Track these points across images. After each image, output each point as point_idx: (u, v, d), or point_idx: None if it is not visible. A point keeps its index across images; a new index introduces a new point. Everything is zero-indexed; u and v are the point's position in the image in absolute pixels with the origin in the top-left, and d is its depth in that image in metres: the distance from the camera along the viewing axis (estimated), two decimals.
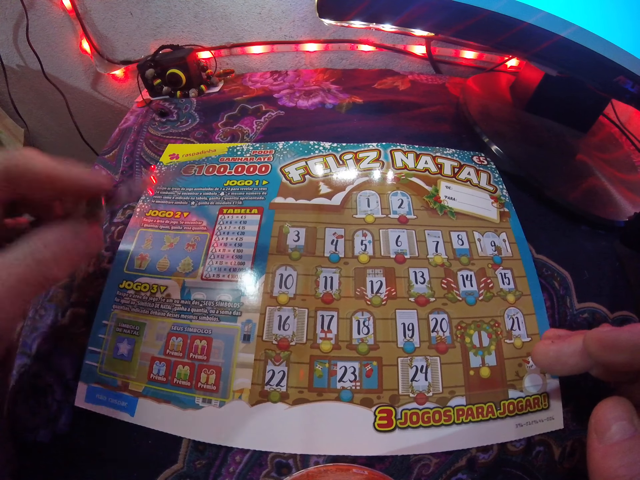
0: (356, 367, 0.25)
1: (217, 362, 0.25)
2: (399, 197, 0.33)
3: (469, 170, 0.36)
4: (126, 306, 0.28)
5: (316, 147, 0.38)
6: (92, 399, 0.25)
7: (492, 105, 0.43)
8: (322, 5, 0.35)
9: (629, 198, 0.37)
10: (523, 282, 0.29)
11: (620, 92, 0.31)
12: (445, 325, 0.27)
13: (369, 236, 0.31)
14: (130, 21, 0.54)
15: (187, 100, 0.47)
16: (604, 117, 0.48)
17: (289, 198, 0.33)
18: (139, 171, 0.38)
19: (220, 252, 0.30)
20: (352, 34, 0.54)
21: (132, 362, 0.26)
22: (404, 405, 0.24)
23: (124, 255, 0.30)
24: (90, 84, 0.63)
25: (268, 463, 0.23)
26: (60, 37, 0.57)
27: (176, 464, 0.23)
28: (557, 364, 0.21)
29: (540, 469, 0.23)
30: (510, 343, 0.27)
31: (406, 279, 0.29)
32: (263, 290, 0.28)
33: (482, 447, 0.24)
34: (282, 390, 0.24)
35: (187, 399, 0.24)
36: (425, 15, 0.32)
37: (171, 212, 0.33)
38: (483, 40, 0.34)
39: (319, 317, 0.27)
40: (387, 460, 0.23)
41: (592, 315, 0.29)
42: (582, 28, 0.28)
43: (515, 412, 0.24)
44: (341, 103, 0.45)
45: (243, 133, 0.41)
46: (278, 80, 0.51)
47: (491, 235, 0.31)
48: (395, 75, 0.51)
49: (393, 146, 0.38)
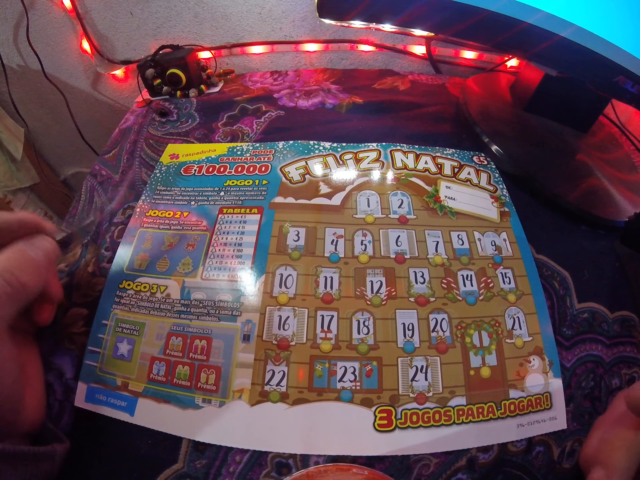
0: (356, 367, 0.25)
1: (217, 362, 0.25)
2: (399, 197, 0.33)
3: (469, 170, 0.36)
4: (126, 306, 0.28)
5: (316, 147, 0.38)
6: (92, 399, 0.25)
7: (492, 105, 0.43)
8: (322, 5, 0.35)
9: (629, 198, 0.37)
10: (524, 282, 0.29)
11: (620, 92, 0.31)
12: (446, 325, 0.27)
13: (369, 236, 0.31)
14: (131, 21, 0.54)
15: (187, 100, 0.47)
16: (604, 117, 0.48)
17: (289, 198, 0.33)
18: (138, 171, 0.38)
19: (220, 252, 0.30)
20: (352, 34, 0.54)
21: (132, 362, 0.25)
22: (404, 405, 0.24)
23: (124, 255, 0.30)
24: (91, 84, 0.63)
25: (268, 463, 0.23)
26: (61, 37, 0.57)
27: (176, 464, 0.23)
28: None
29: (540, 469, 0.23)
30: (511, 343, 0.27)
31: (406, 279, 0.29)
32: (263, 290, 0.28)
33: (482, 447, 0.24)
34: (282, 390, 0.24)
35: (187, 399, 0.24)
36: (425, 15, 0.32)
37: (171, 211, 0.33)
38: (483, 40, 0.34)
39: (319, 317, 0.27)
40: (387, 460, 0.23)
41: (592, 315, 0.29)
42: (582, 28, 0.28)
43: (516, 412, 0.24)
44: (341, 103, 0.45)
45: (243, 133, 0.41)
46: (278, 80, 0.51)
47: (491, 235, 0.31)
48: (395, 75, 0.51)
49: (393, 146, 0.38)
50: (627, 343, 0.28)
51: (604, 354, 0.28)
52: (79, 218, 0.35)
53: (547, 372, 0.26)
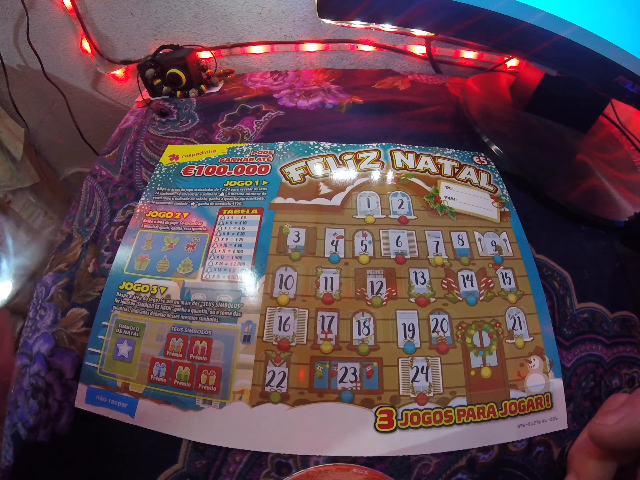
0: (357, 368, 0.25)
1: (218, 363, 0.25)
2: (399, 197, 0.33)
3: (469, 170, 0.36)
4: (126, 307, 0.28)
5: (316, 147, 0.38)
6: (92, 400, 0.25)
7: (492, 105, 0.43)
8: (322, 5, 0.35)
9: (629, 198, 0.37)
10: (524, 282, 0.29)
11: (620, 92, 0.31)
12: (446, 326, 0.27)
13: (369, 237, 0.31)
14: (131, 21, 0.54)
15: (187, 100, 0.47)
16: (604, 117, 0.48)
17: (289, 198, 0.33)
18: (138, 171, 0.38)
19: (220, 252, 0.30)
20: (352, 34, 0.54)
21: (132, 363, 0.25)
22: (404, 405, 0.24)
23: (124, 256, 0.30)
24: (91, 84, 0.63)
25: (268, 463, 0.23)
26: (61, 37, 0.57)
27: (176, 464, 0.23)
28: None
29: (540, 469, 0.23)
30: (512, 343, 0.27)
31: (406, 280, 0.29)
32: (263, 290, 0.28)
33: (483, 447, 0.24)
34: (282, 391, 0.24)
35: (188, 400, 0.24)
36: (425, 15, 0.32)
37: (171, 212, 0.33)
38: (483, 40, 0.34)
39: (320, 318, 0.27)
40: (387, 460, 0.23)
41: (592, 315, 0.29)
42: (582, 28, 0.28)
43: (517, 412, 0.24)
44: (341, 103, 0.45)
45: (243, 133, 0.41)
46: (278, 80, 0.51)
47: (492, 235, 0.31)
48: (395, 75, 0.51)
49: (393, 146, 0.38)
50: (627, 343, 0.28)
51: (604, 354, 0.28)
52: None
53: (547, 372, 0.26)
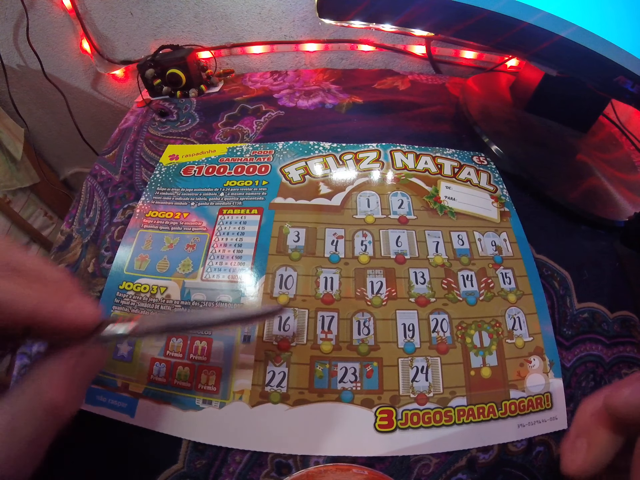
0: (357, 368, 0.25)
1: (217, 363, 0.25)
2: (399, 197, 0.33)
3: (469, 170, 0.36)
4: (126, 307, 0.28)
5: (316, 147, 0.38)
6: (93, 400, 0.24)
7: (492, 105, 0.43)
8: (322, 5, 0.35)
9: (629, 198, 0.37)
10: (524, 282, 0.29)
11: (620, 92, 0.31)
12: (446, 326, 0.27)
13: (369, 237, 0.31)
14: (131, 21, 0.54)
15: (187, 100, 0.47)
16: (604, 117, 0.48)
17: (289, 198, 0.33)
18: (138, 171, 0.38)
19: (220, 252, 0.30)
20: (352, 34, 0.54)
21: (132, 364, 0.25)
22: (404, 405, 0.24)
23: (124, 256, 0.30)
24: (90, 84, 0.63)
25: (268, 463, 0.23)
26: (61, 37, 0.57)
27: (176, 464, 0.23)
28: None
29: (540, 469, 0.23)
30: (512, 343, 0.27)
31: (406, 280, 0.29)
32: (263, 290, 0.28)
33: (483, 448, 0.24)
34: (282, 391, 0.24)
35: (188, 400, 0.24)
36: (425, 15, 0.32)
37: (171, 212, 0.33)
38: (483, 40, 0.34)
39: (319, 318, 0.27)
40: (387, 460, 0.23)
41: (592, 315, 0.29)
42: (582, 28, 0.28)
43: (517, 412, 0.24)
44: (341, 103, 0.45)
45: (243, 133, 0.41)
46: (278, 80, 0.51)
47: (492, 235, 0.31)
48: (395, 75, 0.51)
49: (393, 146, 0.38)
50: (627, 343, 0.28)
51: (604, 353, 0.28)
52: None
53: (547, 372, 0.26)
